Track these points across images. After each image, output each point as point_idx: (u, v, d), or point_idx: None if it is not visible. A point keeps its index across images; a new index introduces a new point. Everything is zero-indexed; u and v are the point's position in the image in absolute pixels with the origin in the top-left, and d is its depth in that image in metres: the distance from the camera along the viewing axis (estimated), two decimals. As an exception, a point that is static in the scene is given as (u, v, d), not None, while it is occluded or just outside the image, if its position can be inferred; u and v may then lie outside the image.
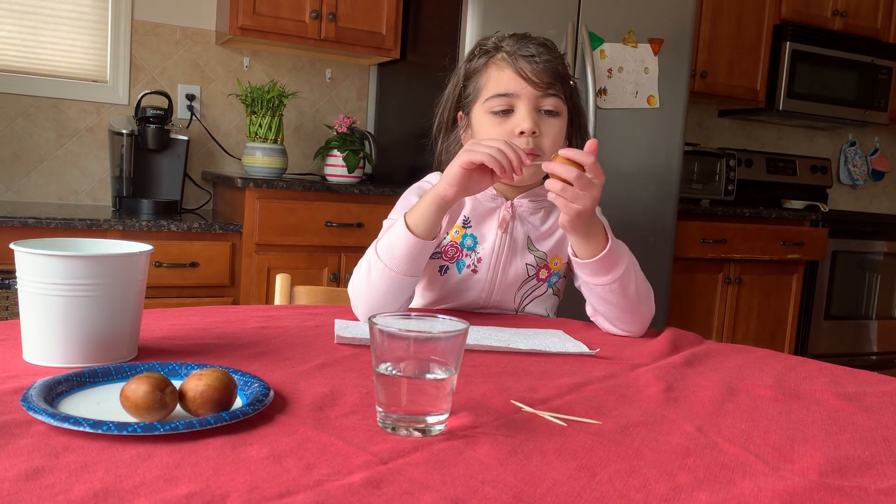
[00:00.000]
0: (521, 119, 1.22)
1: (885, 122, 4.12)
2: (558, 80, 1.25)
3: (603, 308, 1.19)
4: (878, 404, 0.86)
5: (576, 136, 1.33)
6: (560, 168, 1.05)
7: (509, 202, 1.32)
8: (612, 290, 1.16)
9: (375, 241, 1.24)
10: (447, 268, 1.31)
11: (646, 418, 0.76)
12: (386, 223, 1.30)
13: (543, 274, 1.32)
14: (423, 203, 1.11)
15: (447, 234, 1.30)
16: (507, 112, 1.24)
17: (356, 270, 1.18)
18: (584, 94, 2.75)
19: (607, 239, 1.15)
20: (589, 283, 1.18)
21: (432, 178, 1.36)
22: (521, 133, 1.22)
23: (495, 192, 1.31)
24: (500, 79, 1.25)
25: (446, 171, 1.10)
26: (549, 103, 1.24)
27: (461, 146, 1.32)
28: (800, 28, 3.78)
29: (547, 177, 1.33)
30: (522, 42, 1.26)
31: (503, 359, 0.96)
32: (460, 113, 1.33)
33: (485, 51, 1.29)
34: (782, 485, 0.60)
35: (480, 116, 1.27)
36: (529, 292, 1.32)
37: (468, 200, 1.33)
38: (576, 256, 1.17)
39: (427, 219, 1.11)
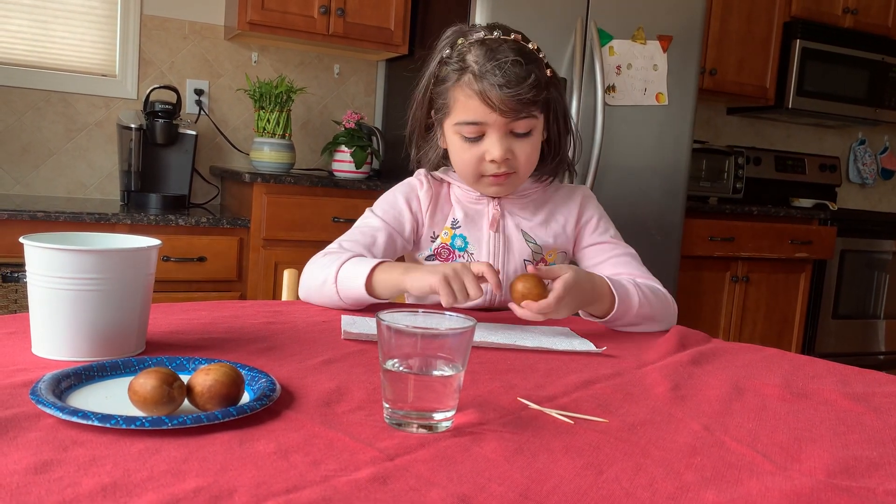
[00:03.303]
0: (492, 146, 1.20)
1: (895, 121, 4.10)
2: (529, 105, 1.19)
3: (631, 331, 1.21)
4: (887, 405, 0.86)
5: (559, 133, 1.30)
6: (527, 314, 1.06)
7: (496, 200, 1.32)
8: (634, 326, 1.19)
9: (352, 238, 1.27)
10: None
11: (653, 417, 0.76)
12: (367, 211, 1.33)
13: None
14: (392, 277, 1.12)
15: (437, 237, 1.32)
16: (478, 139, 1.21)
17: (318, 260, 1.21)
18: (593, 92, 2.74)
19: (611, 291, 1.14)
20: (611, 327, 1.20)
21: (421, 176, 1.36)
22: (493, 161, 1.21)
23: (479, 193, 1.32)
24: (467, 106, 1.20)
25: (422, 277, 1.07)
26: (521, 126, 1.20)
27: (439, 148, 1.31)
28: (810, 25, 3.76)
29: (544, 159, 1.32)
30: (491, 61, 1.17)
31: (510, 356, 0.96)
32: (434, 113, 1.29)
33: (452, 68, 1.21)
34: (789, 485, 0.60)
35: (451, 136, 1.25)
36: None
37: (455, 204, 1.33)
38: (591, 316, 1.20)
39: (387, 292, 1.14)
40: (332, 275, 1.16)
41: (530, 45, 1.24)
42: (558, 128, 1.30)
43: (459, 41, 1.23)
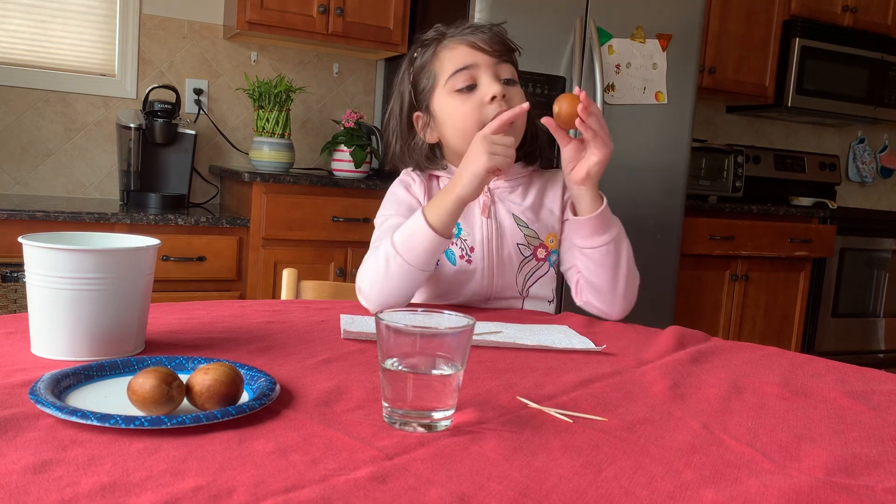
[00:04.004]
0: (488, 86, 1.24)
1: (895, 119, 4.10)
2: (508, 49, 1.28)
3: (596, 277, 1.23)
4: (886, 403, 0.86)
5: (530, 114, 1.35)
6: (597, 113, 1.15)
7: (486, 187, 1.32)
8: (608, 251, 1.21)
9: (381, 237, 1.26)
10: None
11: (652, 415, 0.76)
12: (378, 221, 1.33)
13: (541, 253, 1.32)
14: (443, 203, 1.14)
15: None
16: (471, 88, 1.25)
17: (367, 263, 1.20)
18: (592, 90, 2.74)
19: (603, 199, 1.22)
20: (586, 247, 1.22)
21: (410, 174, 1.37)
22: (493, 98, 1.23)
23: None
24: (454, 57, 1.26)
25: (466, 173, 1.12)
26: (506, 71, 1.27)
27: (427, 145, 1.33)
28: (809, 24, 3.76)
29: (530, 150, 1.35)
30: (462, 24, 1.29)
31: (509, 355, 0.96)
32: (417, 114, 1.33)
33: (428, 42, 1.30)
34: (788, 483, 0.60)
35: (444, 100, 1.28)
36: (531, 273, 1.32)
37: None
38: (576, 215, 1.22)
39: (450, 218, 1.14)
40: (389, 250, 1.16)
41: None
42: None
43: (431, 32, 1.32)
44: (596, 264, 1.23)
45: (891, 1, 3.99)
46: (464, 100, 1.25)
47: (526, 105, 1.15)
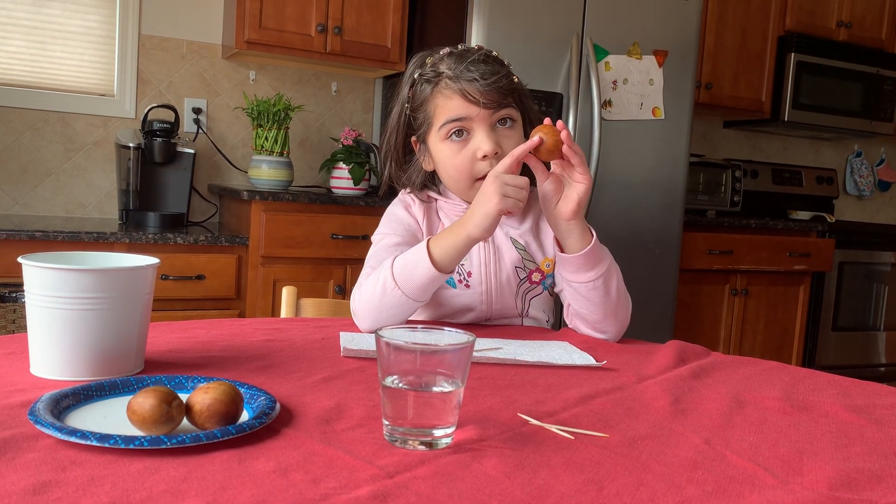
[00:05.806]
0: (481, 142, 1.22)
1: (891, 133, 4.12)
2: (507, 95, 1.23)
3: (585, 309, 1.21)
4: (888, 417, 0.86)
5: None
6: (579, 151, 1.13)
7: None
8: (595, 286, 1.18)
9: (377, 256, 1.25)
10: None
11: (653, 431, 0.76)
12: (375, 238, 1.32)
13: (536, 277, 1.32)
14: (452, 240, 1.12)
15: None
16: (464, 132, 1.23)
17: (361, 285, 1.19)
18: (589, 107, 2.76)
19: (592, 234, 1.18)
20: (574, 281, 1.19)
21: (410, 195, 1.36)
22: (484, 157, 1.22)
23: (466, 204, 1.32)
24: (448, 107, 1.23)
25: (478, 213, 1.10)
26: (503, 114, 1.24)
27: (423, 172, 1.33)
28: (805, 39, 3.78)
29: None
30: (462, 62, 1.22)
31: (510, 371, 0.96)
32: (414, 138, 1.32)
33: (426, 79, 1.26)
34: (791, 498, 0.60)
35: (437, 145, 1.26)
36: (526, 293, 1.32)
37: (444, 218, 1.34)
38: (563, 252, 1.19)
39: (457, 256, 1.13)
40: (388, 279, 1.13)
41: (494, 53, 1.29)
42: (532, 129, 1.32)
43: (428, 60, 1.28)
44: (584, 298, 1.20)
45: (885, 16, 4.02)
46: (457, 149, 1.24)
47: (536, 140, 1.10)
